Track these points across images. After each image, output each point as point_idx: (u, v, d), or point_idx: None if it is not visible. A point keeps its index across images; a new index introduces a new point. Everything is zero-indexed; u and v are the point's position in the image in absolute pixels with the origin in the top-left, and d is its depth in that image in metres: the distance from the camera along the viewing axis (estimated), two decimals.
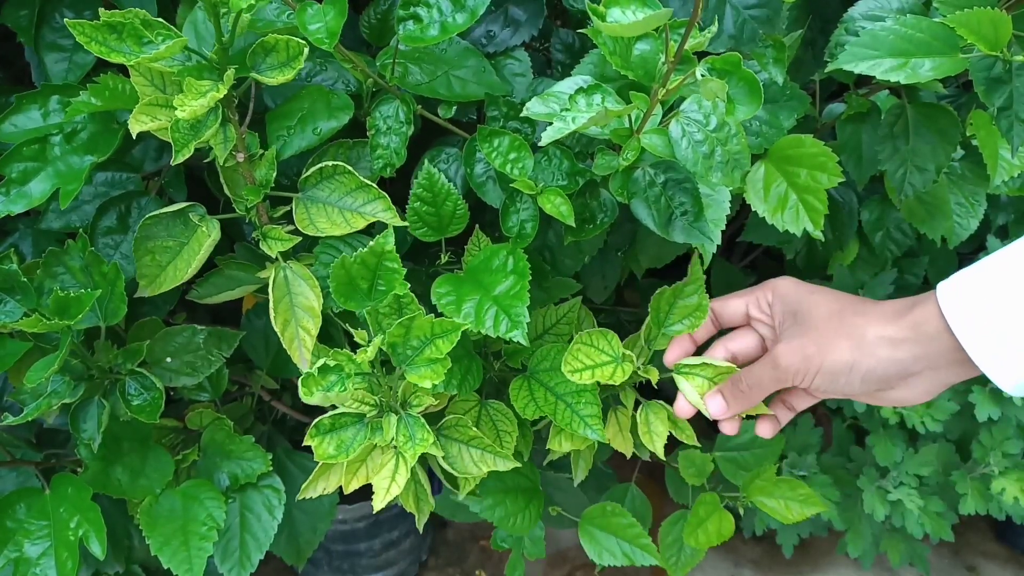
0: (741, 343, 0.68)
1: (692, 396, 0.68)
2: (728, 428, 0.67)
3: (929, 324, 0.54)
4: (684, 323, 0.72)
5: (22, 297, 0.72)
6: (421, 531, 0.80)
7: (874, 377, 0.56)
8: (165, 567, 0.78)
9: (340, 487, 0.75)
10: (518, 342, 0.64)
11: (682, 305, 0.73)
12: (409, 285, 0.65)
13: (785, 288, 0.64)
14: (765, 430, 0.67)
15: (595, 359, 0.71)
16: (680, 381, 0.69)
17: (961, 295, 0.52)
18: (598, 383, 0.71)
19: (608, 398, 0.81)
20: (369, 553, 1.27)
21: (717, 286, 1.06)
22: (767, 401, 0.69)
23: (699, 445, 0.81)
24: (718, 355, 0.68)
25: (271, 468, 0.85)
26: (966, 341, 0.51)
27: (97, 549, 0.75)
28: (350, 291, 0.65)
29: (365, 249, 0.65)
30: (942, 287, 0.54)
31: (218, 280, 0.79)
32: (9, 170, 0.71)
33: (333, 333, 0.77)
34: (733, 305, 0.68)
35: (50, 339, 0.73)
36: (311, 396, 0.58)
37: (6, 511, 0.77)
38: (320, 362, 0.59)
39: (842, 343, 0.57)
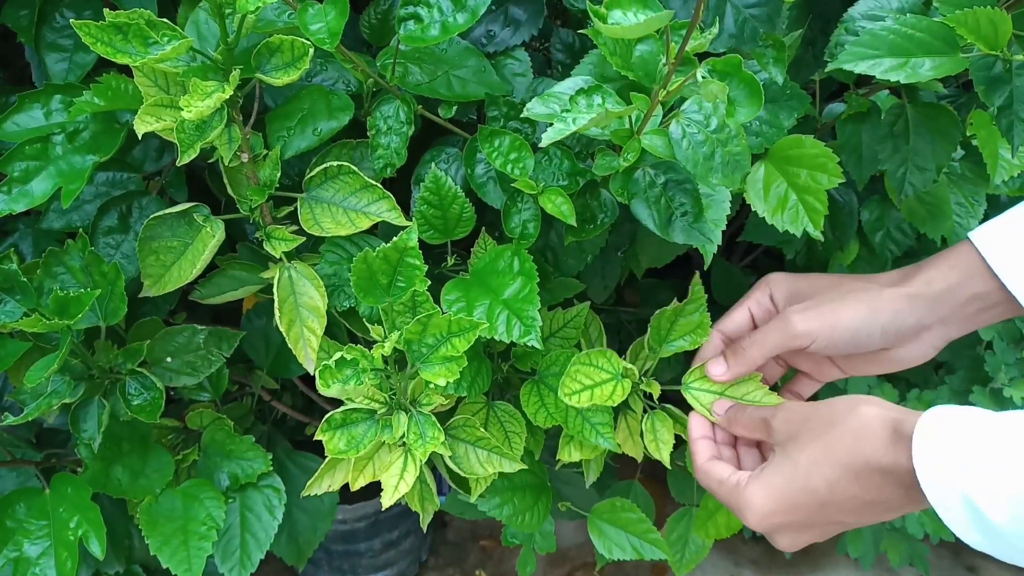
0: (731, 323, 0.69)
1: (701, 409, 0.69)
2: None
3: (936, 283, 0.59)
4: (686, 339, 0.73)
5: (22, 297, 0.71)
6: (425, 530, 0.80)
7: (893, 329, 0.59)
8: (164, 567, 0.78)
9: (340, 488, 0.75)
10: (532, 346, 0.64)
11: (683, 323, 0.74)
12: (428, 283, 0.65)
13: (779, 278, 0.67)
14: None
15: (594, 378, 0.71)
16: (689, 398, 0.70)
17: (1000, 239, 0.57)
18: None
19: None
20: (369, 553, 1.27)
21: (717, 286, 1.05)
22: (786, 380, 0.70)
23: None
24: (714, 340, 0.70)
25: (271, 468, 0.85)
26: (1010, 281, 0.55)
27: (97, 549, 0.75)
28: (370, 286, 0.65)
29: (388, 244, 0.64)
30: (975, 235, 0.58)
31: (221, 280, 0.79)
32: (11, 169, 0.70)
33: (336, 332, 0.77)
34: (737, 317, 0.69)
35: (50, 339, 0.73)
36: (328, 388, 0.59)
37: (6, 511, 0.77)
38: (337, 355, 0.59)
39: (857, 301, 0.60)
